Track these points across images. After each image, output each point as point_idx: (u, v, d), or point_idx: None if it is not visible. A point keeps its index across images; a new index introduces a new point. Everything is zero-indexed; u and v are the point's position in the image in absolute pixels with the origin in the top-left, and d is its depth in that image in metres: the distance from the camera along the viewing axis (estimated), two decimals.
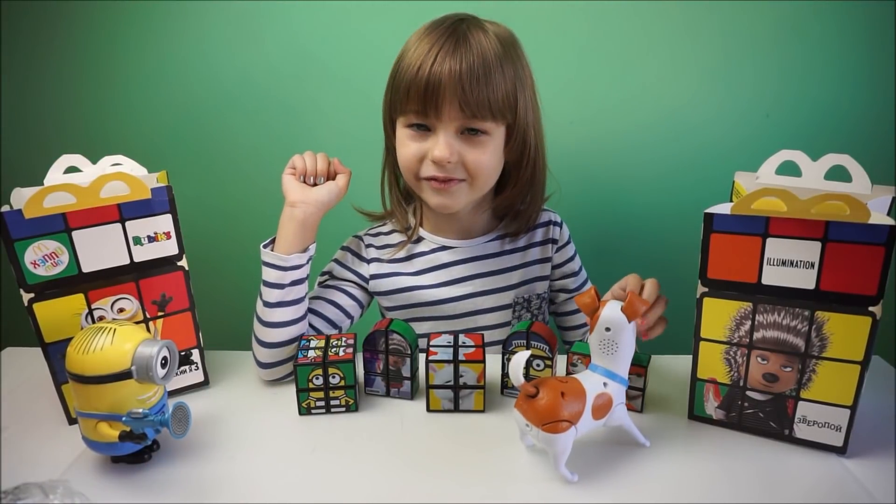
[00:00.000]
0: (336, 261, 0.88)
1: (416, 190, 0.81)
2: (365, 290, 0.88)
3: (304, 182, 0.78)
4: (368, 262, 0.87)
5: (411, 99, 0.73)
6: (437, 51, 0.72)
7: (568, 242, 0.91)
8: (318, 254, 0.79)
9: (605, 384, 0.58)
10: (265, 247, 0.76)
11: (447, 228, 0.87)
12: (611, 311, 0.58)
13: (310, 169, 0.78)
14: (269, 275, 0.75)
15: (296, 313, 0.76)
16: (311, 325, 0.81)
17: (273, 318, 0.75)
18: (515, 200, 0.85)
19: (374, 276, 0.87)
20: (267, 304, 0.75)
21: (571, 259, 0.91)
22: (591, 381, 0.58)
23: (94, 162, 0.71)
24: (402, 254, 0.87)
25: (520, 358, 0.56)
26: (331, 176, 0.80)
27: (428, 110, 0.73)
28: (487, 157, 0.76)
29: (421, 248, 0.87)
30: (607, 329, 0.58)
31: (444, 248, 0.87)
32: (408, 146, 0.77)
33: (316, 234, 0.79)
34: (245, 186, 1.20)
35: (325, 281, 0.88)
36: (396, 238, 0.88)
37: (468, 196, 0.79)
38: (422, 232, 0.88)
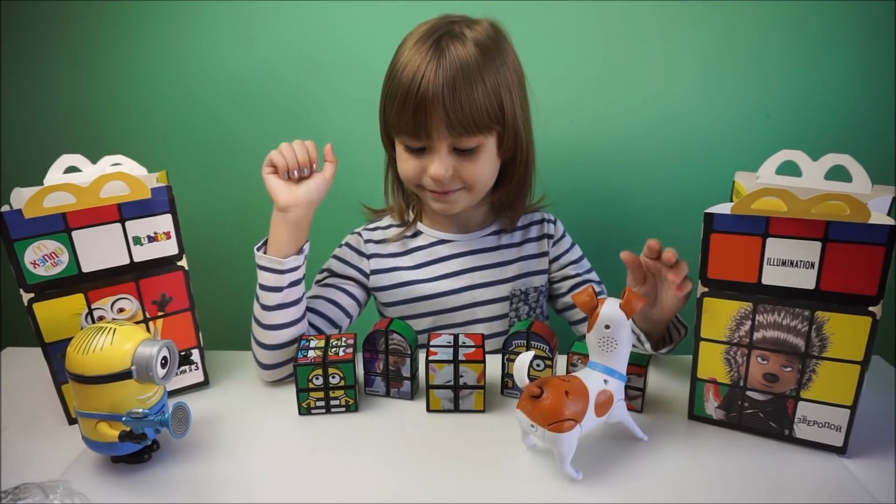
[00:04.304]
0: (335, 257, 0.88)
1: (419, 195, 0.84)
2: (364, 287, 0.88)
3: (289, 178, 0.74)
4: (368, 257, 0.88)
5: (403, 124, 0.75)
6: (420, 75, 0.72)
7: (563, 236, 0.93)
8: (311, 250, 0.79)
9: (605, 381, 0.58)
10: (259, 250, 0.75)
11: (445, 223, 0.89)
12: (610, 308, 0.58)
13: (290, 163, 0.73)
14: (265, 279, 0.74)
15: (296, 314, 0.76)
16: (311, 325, 0.81)
17: (274, 321, 0.75)
18: (513, 194, 0.87)
19: (374, 272, 0.87)
20: (266, 308, 0.74)
21: (569, 250, 0.92)
22: (591, 379, 0.58)
23: (94, 162, 0.71)
24: (400, 248, 0.88)
25: (524, 358, 0.56)
26: (312, 160, 0.75)
27: (419, 134, 0.74)
28: (482, 167, 0.78)
29: (419, 241, 0.88)
30: (607, 326, 0.58)
31: (442, 241, 0.88)
32: (407, 162, 0.79)
33: (308, 231, 0.78)
34: (245, 186, 1.20)
35: (325, 279, 0.87)
36: (394, 232, 0.89)
37: (468, 201, 0.81)
38: (420, 226, 0.89)
